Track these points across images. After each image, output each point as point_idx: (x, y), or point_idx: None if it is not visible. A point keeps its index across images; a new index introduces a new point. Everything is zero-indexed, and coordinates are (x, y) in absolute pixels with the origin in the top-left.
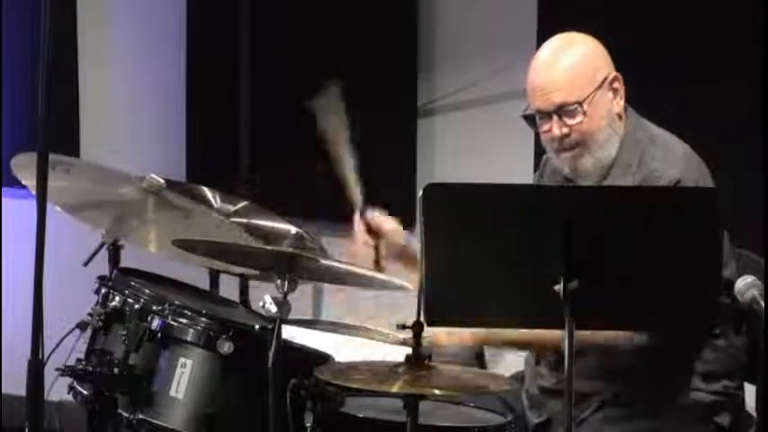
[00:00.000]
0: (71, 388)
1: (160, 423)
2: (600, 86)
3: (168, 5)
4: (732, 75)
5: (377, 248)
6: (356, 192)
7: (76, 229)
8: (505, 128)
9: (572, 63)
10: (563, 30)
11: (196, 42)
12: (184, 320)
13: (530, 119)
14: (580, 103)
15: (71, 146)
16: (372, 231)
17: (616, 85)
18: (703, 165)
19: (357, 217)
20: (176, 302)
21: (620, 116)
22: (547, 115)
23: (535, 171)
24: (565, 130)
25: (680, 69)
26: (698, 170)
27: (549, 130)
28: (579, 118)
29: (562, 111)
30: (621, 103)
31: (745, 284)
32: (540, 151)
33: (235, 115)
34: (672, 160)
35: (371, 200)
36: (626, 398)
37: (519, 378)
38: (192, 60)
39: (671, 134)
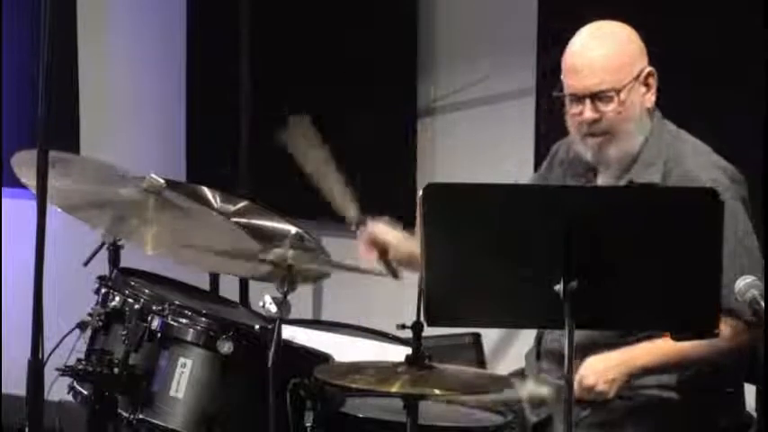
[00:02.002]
0: (71, 388)
1: (160, 423)
2: (636, 78)
3: (168, 5)
4: (733, 76)
5: (386, 261)
6: (350, 209)
7: (76, 229)
8: (505, 128)
9: (613, 50)
10: (563, 30)
11: (196, 42)
12: (184, 320)
13: (560, 100)
14: (617, 91)
15: (71, 145)
16: (377, 244)
17: (650, 80)
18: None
19: (359, 233)
20: (176, 302)
21: (649, 112)
22: (580, 98)
23: (536, 170)
24: (596, 115)
25: (681, 71)
26: (731, 174)
27: (581, 113)
28: (613, 105)
29: (597, 96)
30: (653, 99)
31: (746, 284)
32: (540, 150)
33: (235, 115)
34: (706, 163)
35: (372, 200)
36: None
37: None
38: (191, 60)
39: (692, 136)
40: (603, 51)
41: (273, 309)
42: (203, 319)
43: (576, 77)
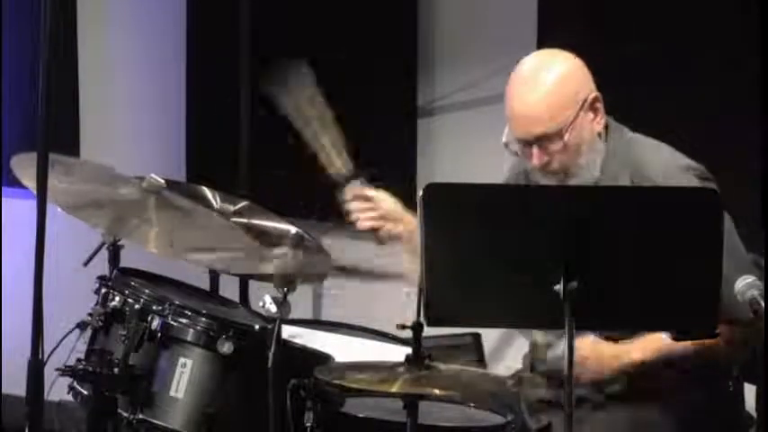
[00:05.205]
0: (71, 388)
1: (160, 423)
2: (580, 109)
3: (168, 5)
4: (731, 74)
5: (375, 225)
6: (340, 162)
7: (76, 229)
8: (505, 128)
9: (550, 89)
10: (563, 30)
11: (196, 42)
12: (184, 320)
13: (511, 145)
14: (560, 132)
15: (71, 146)
16: (365, 200)
17: (597, 105)
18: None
19: (348, 189)
20: (176, 302)
21: (600, 135)
22: (527, 143)
23: None
24: (545, 158)
25: (680, 69)
26: (699, 174)
27: (531, 157)
28: (560, 145)
29: (542, 140)
30: (602, 121)
31: (746, 284)
32: None
33: (235, 115)
34: (672, 168)
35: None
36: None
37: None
38: (191, 60)
39: (645, 136)
40: (540, 95)
41: (273, 309)
42: (203, 319)
43: (518, 125)
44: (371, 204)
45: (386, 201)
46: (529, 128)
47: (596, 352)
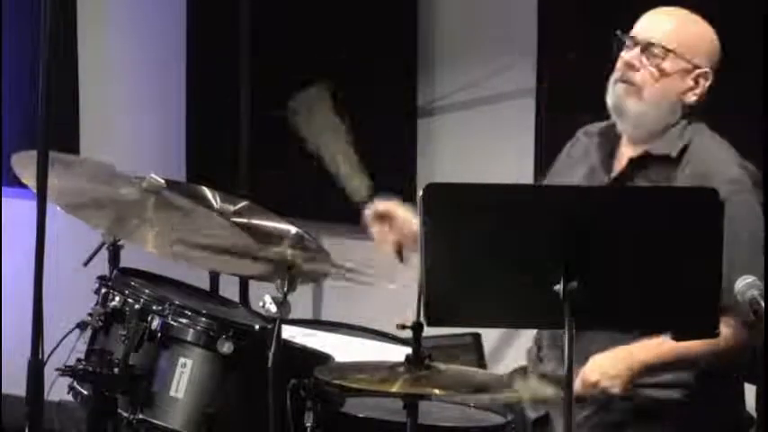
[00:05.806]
0: (71, 388)
1: (160, 423)
2: (689, 68)
3: (168, 6)
4: (731, 74)
5: (395, 240)
6: (360, 185)
7: (76, 229)
8: (506, 128)
9: (685, 27)
10: (563, 30)
11: (196, 43)
12: (184, 320)
13: (621, 39)
14: (667, 53)
15: (71, 145)
16: (385, 220)
17: (701, 80)
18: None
19: (366, 211)
20: (176, 302)
21: (687, 109)
22: (635, 44)
23: (536, 170)
24: (637, 63)
25: None
26: (752, 174)
27: (626, 56)
28: (655, 64)
29: (649, 49)
30: (693, 99)
31: (746, 284)
32: (540, 150)
33: (235, 115)
34: (729, 160)
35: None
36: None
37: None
38: (191, 61)
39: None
40: (678, 21)
41: (273, 309)
42: (203, 319)
43: (645, 24)
44: (393, 223)
45: (408, 219)
46: (649, 31)
47: (598, 365)
